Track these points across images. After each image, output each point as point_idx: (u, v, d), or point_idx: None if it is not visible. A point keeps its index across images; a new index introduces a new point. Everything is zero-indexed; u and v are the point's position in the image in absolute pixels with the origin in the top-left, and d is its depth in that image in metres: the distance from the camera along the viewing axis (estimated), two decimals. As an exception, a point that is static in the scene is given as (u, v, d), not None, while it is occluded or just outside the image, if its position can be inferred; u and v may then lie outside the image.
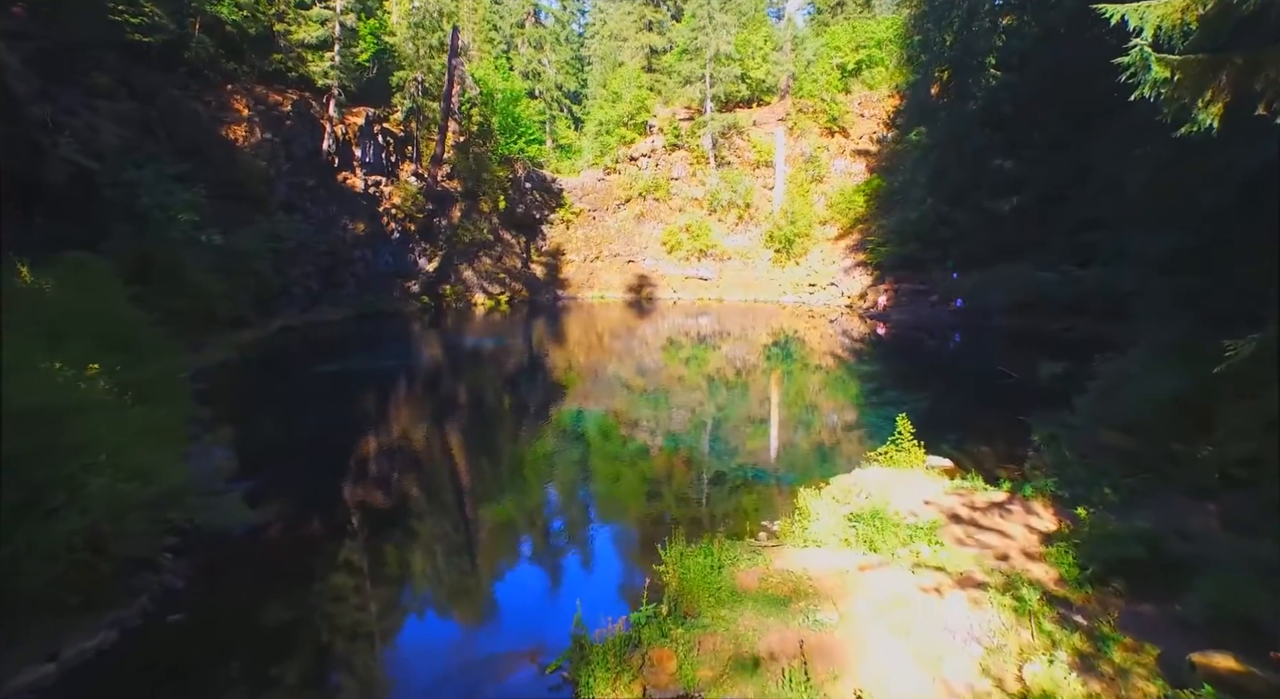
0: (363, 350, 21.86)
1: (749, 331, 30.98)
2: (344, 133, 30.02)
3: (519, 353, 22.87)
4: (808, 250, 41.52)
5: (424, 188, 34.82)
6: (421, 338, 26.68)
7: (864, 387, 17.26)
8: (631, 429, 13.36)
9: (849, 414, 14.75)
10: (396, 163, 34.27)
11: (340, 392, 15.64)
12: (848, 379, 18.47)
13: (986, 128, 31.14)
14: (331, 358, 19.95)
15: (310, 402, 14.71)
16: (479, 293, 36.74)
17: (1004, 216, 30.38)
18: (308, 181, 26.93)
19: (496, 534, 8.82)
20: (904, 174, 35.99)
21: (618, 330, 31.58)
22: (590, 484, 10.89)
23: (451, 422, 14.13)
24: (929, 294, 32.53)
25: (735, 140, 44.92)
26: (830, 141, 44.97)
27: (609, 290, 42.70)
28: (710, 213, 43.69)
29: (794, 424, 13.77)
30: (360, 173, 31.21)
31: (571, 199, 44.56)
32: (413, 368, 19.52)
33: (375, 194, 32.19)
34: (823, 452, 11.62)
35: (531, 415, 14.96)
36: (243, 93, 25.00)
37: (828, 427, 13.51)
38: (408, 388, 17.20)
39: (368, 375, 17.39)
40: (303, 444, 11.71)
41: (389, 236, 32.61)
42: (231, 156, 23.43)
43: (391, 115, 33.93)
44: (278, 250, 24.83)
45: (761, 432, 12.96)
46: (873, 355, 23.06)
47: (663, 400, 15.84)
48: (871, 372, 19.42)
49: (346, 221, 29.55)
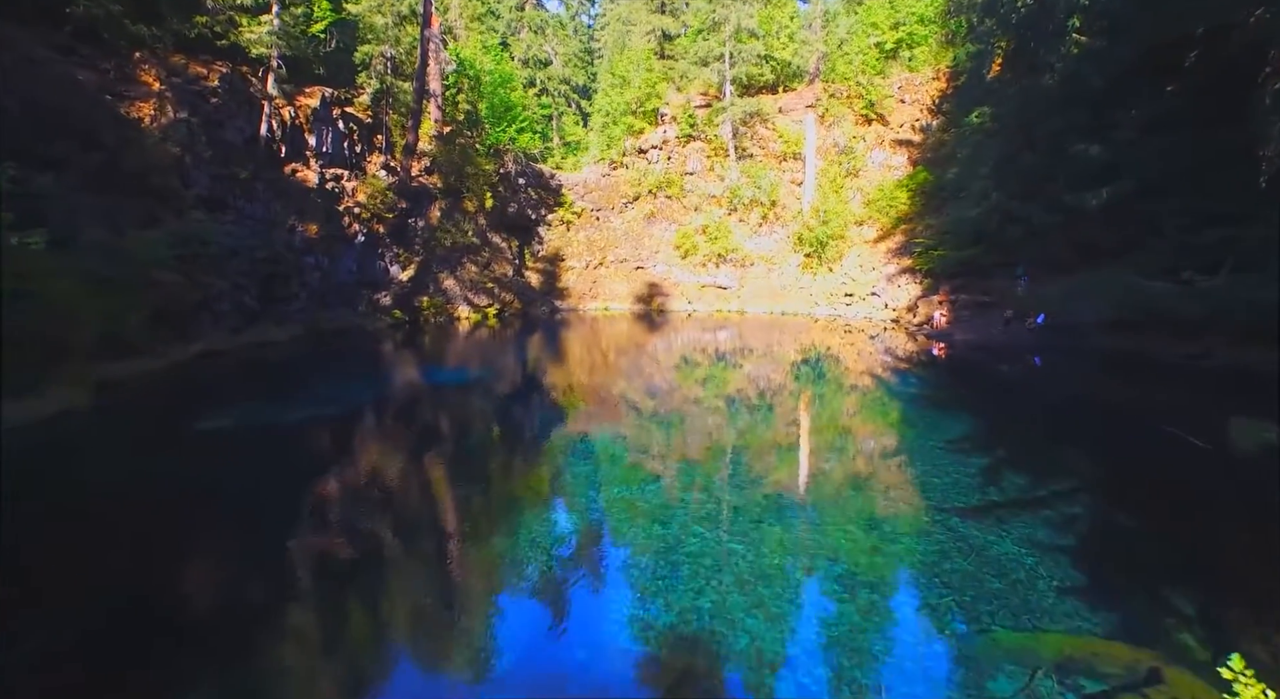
0: (291, 387, 16.72)
1: (775, 348, 25.70)
2: (292, 116, 25.15)
3: (506, 388, 17.67)
4: (843, 254, 36.09)
5: (396, 183, 29.89)
6: (383, 364, 21.62)
7: (946, 449, 11.86)
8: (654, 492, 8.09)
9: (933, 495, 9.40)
10: (363, 154, 29.40)
11: (200, 479, 9.72)
12: (918, 427, 13.09)
13: (1067, 105, 25.52)
14: (235, 402, 14.80)
15: (128, 510, 8.32)
16: (463, 305, 31.74)
17: (1090, 212, 24.71)
18: (240, 173, 22.07)
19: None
20: (960, 164, 30.42)
21: (625, 347, 26.57)
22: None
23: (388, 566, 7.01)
24: (995, 307, 26.94)
25: (758, 129, 39.63)
26: (867, 130, 39.57)
27: (614, 301, 37.61)
28: (730, 212, 38.46)
29: (857, 492, 8.51)
30: (315, 164, 26.33)
31: (572, 197, 39.51)
32: (348, 419, 13.64)
33: (334, 190, 27.30)
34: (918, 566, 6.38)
35: (535, 545, 7.36)
36: (153, 62, 20.16)
37: (915, 527, 8.17)
38: (322, 463, 10.64)
39: (270, 436, 12.08)
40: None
41: (352, 240, 27.69)
42: (130, 140, 18.58)
43: (356, 98, 29.07)
44: (195, 257, 19.96)
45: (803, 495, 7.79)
46: (935, 391, 17.53)
47: (682, 443, 10.61)
48: (946, 421, 14.00)
49: (295, 222, 24.66)
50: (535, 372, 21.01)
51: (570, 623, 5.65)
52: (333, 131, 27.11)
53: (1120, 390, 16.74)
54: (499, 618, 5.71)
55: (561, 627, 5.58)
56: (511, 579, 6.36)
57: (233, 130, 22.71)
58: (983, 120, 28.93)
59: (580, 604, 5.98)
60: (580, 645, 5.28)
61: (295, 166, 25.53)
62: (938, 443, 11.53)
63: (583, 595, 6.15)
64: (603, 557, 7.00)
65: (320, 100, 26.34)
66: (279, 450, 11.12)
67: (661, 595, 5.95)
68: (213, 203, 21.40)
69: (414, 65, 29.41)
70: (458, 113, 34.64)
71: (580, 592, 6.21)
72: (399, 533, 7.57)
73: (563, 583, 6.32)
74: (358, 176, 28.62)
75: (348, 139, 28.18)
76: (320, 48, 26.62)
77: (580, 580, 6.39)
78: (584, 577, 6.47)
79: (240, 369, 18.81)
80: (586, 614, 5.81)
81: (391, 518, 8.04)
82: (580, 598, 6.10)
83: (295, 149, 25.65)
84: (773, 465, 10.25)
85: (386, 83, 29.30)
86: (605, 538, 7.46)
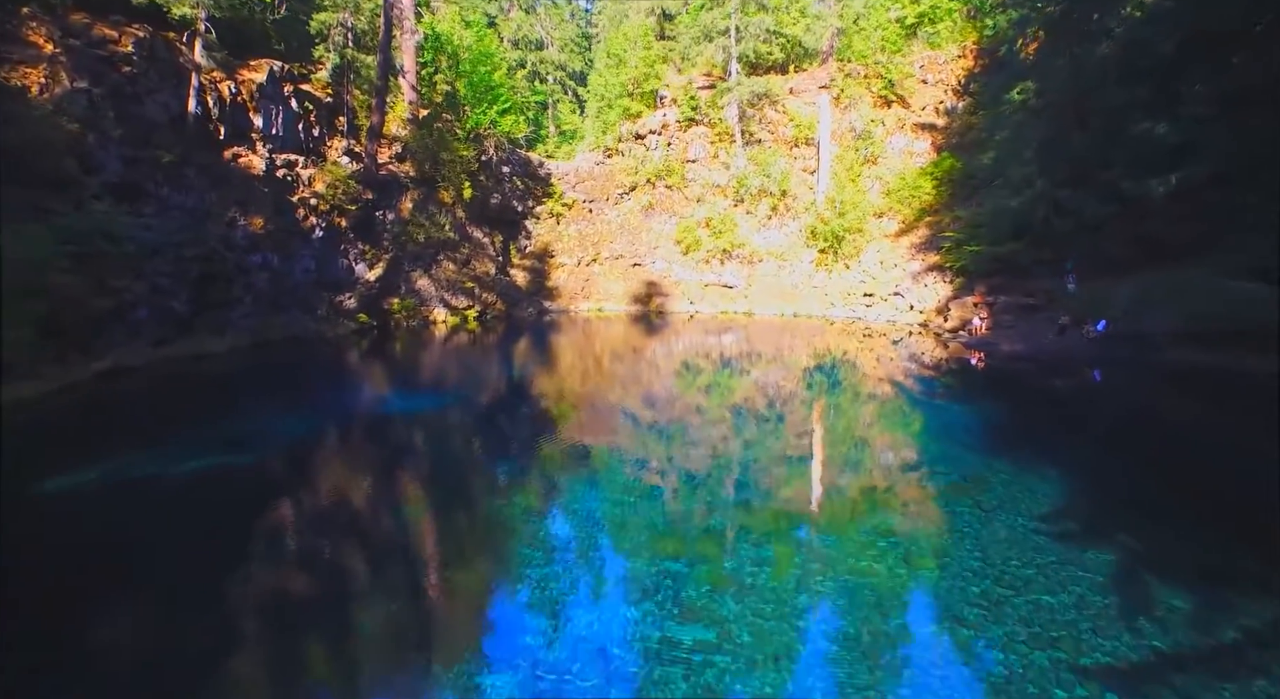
0: (204, 418, 13.38)
1: (786, 354, 22.68)
2: (232, 92, 21.76)
3: (484, 413, 14.35)
4: (861, 250, 32.72)
5: (361, 171, 26.54)
6: (337, 381, 18.38)
7: (984, 473, 8.55)
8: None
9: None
10: (321, 138, 26.02)
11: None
12: (947, 446, 9.67)
13: (1128, 78, 22.04)
14: (114, 444, 11.48)
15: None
16: (439, 307, 28.47)
17: (1154, 202, 21.26)
18: (163, 156, 18.75)
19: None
20: (998, 148, 26.93)
21: (621, 352, 23.77)
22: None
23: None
24: (1040, 311, 23.55)
25: (767, 112, 36.19)
26: (886, 113, 36.13)
27: (609, 301, 34.36)
28: (736, 203, 35.17)
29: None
30: (263, 149, 22.95)
31: (562, 187, 36.14)
32: (260, 473, 10.06)
33: (287, 178, 23.95)
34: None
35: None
36: (45, 20, 16.78)
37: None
38: (195, 558, 6.84)
39: (136, 504, 8.70)
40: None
41: (308, 235, 24.38)
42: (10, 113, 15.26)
43: (313, 74, 25.69)
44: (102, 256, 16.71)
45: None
46: (970, 405, 14.06)
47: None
48: (985, 440, 10.55)
49: (236, 215, 21.32)
50: (520, 387, 17.79)
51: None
52: (284, 111, 23.73)
53: (1197, 412, 13.47)
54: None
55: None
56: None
57: (154, 106, 19.35)
58: (1025, 97, 25.43)
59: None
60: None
61: (237, 150, 22.17)
62: (974, 466, 9.34)
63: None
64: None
65: (267, 75, 22.94)
66: (135, 534, 7.72)
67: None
68: (126, 191, 18.08)
69: (379, 37, 25.95)
70: (435, 94, 31.26)
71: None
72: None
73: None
74: (315, 163, 25.27)
75: (303, 120, 24.79)
76: (267, 14, 23.20)
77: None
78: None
79: (151, 391, 15.54)
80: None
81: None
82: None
83: (237, 130, 22.29)
84: (781, 485, 7.56)
85: (348, 57, 25.90)
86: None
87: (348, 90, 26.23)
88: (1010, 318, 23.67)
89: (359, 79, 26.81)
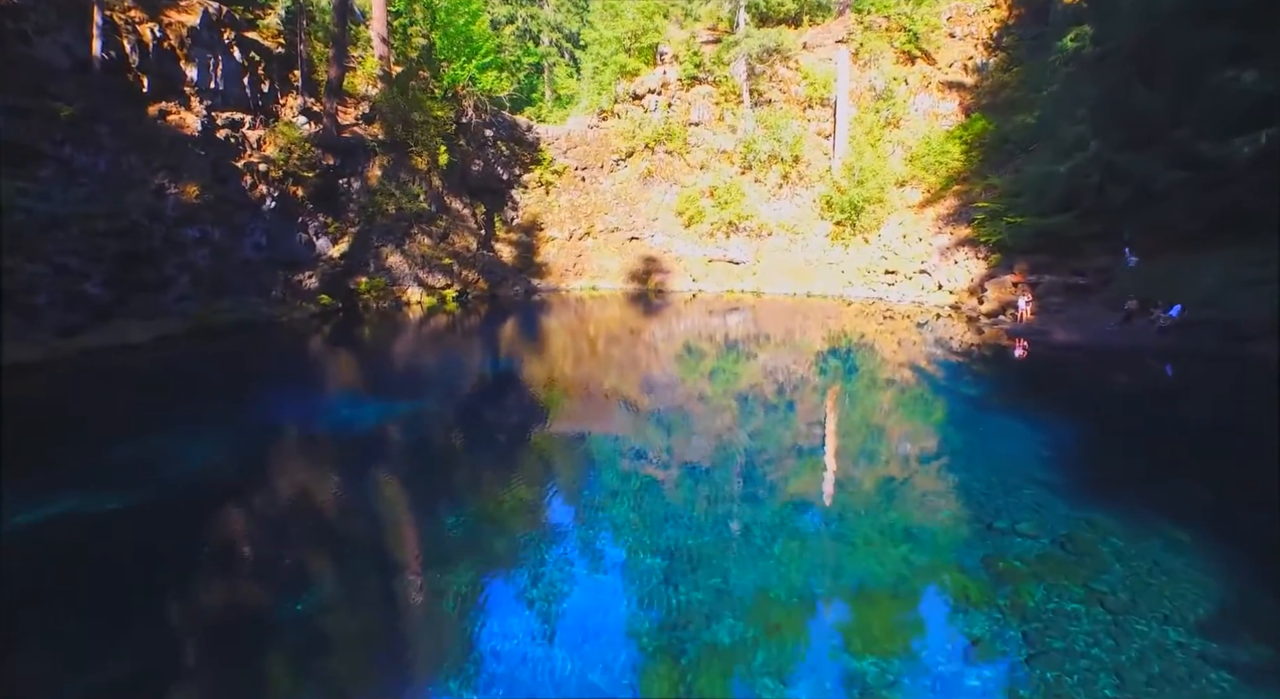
0: (66, 441, 10.54)
1: (797, 337, 20.37)
2: (157, 37, 18.56)
3: (456, 427, 11.48)
4: (881, 222, 29.68)
5: (320, 133, 23.41)
6: (277, 379, 15.52)
7: (1022, 481, 5.75)
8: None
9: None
10: (272, 94, 22.82)
11: None
12: (980, 446, 6.85)
13: (1207, 18, 18.72)
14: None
15: None
16: (413, 287, 25.59)
17: (1237, 165, 18.12)
18: (62, 110, 15.72)
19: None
20: (1045, 105, 23.62)
21: (617, 334, 21.42)
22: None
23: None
24: (1092, 292, 20.56)
25: (778, 69, 32.90)
26: (910, 70, 32.74)
27: (604, 279, 31.52)
28: (744, 170, 32.19)
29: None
30: (199, 105, 19.84)
31: (552, 153, 32.91)
32: (138, 525, 7.24)
33: (231, 141, 20.89)
34: None
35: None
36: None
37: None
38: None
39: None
40: None
41: (258, 206, 21.38)
42: None
43: (260, 20, 22.39)
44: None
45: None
46: (1011, 402, 11.20)
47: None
48: (1024, 440, 7.66)
49: (165, 182, 18.30)
50: (504, 382, 14.99)
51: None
52: (224, 62, 20.53)
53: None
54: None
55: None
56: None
57: (50, 48, 16.22)
58: (1080, 44, 22.09)
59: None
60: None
61: (166, 106, 19.07)
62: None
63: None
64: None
65: (201, 17, 19.70)
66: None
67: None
68: (13, 152, 15.04)
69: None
70: (409, 48, 27.95)
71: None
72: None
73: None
74: (266, 124, 22.15)
75: (249, 73, 21.59)
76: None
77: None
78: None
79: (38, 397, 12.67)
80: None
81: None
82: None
83: (165, 82, 19.14)
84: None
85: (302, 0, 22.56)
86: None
87: (303, 39, 22.95)
88: (1059, 300, 20.69)
89: (316, 27, 23.52)
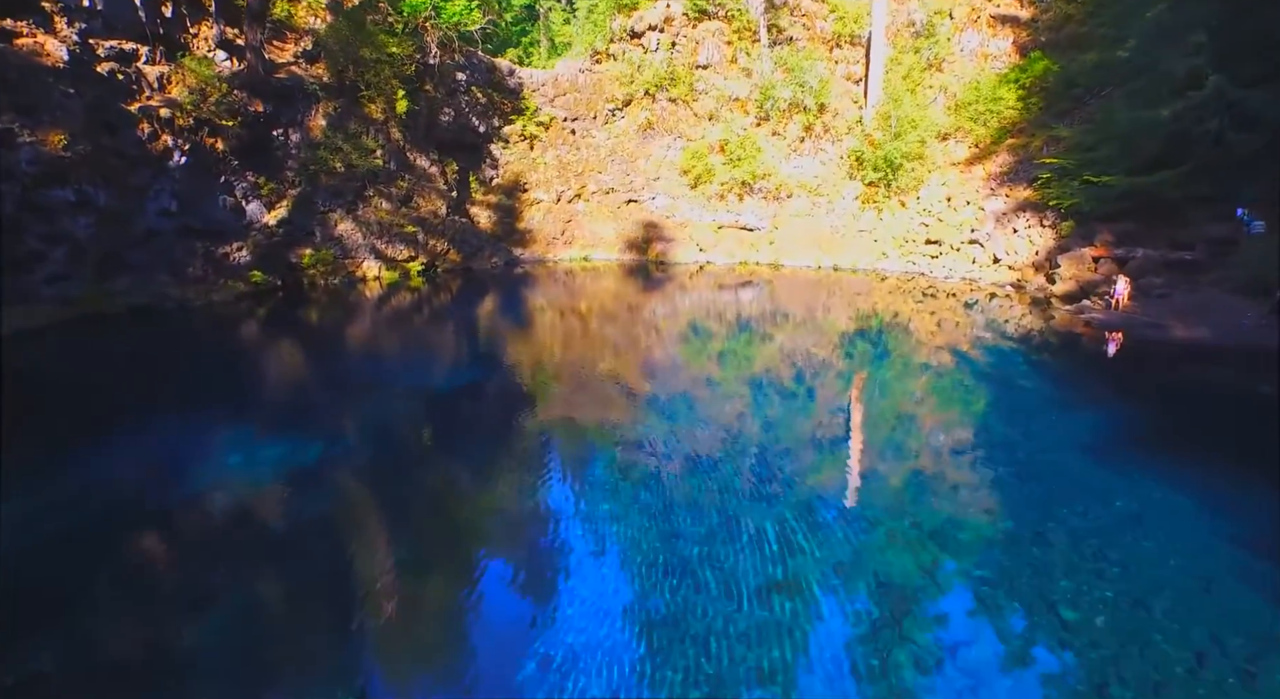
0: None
1: (820, 317, 18.36)
2: (0, -65, 14.17)
3: (410, 478, 7.72)
4: (922, 182, 25.81)
5: (245, 72, 19.05)
6: (178, 384, 11.78)
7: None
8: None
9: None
10: (178, 20, 18.41)
11: None
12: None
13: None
14: None
15: None
16: (370, 260, 21.65)
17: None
18: None
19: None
20: (1141, 35, 19.05)
21: (614, 312, 18.89)
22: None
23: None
24: (1202, 270, 16.45)
25: (802, 1, 28.02)
26: (955, 3, 28.09)
27: (597, 248, 27.99)
28: (760, 121, 28.76)
29: None
30: (67, 28, 15.53)
31: (537, 102, 28.56)
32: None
33: (119, 77, 16.67)
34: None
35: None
36: None
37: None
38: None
39: None
40: None
41: (162, 162, 17.24)
42: None
43: (158, -78, 17.83)
44: None
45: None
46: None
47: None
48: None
49: (20, 128, 14.14)
50: (476, 385, 11.81)
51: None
52: (108, -25, 16.09)
53: None
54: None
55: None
56: None
57: None
58: (1195, -47, 17.52)
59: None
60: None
61: (12, 27, 14.73)
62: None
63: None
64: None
65: (67, -88, 15.19)
66: None
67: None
68: None
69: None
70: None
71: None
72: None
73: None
74: (169, 57, 17.80)
75: (147, -7, 17.14)
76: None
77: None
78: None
79: None
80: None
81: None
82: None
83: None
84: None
85: (211, -102, 17.94)
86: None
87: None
88: (1159, 281, 16.60)
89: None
